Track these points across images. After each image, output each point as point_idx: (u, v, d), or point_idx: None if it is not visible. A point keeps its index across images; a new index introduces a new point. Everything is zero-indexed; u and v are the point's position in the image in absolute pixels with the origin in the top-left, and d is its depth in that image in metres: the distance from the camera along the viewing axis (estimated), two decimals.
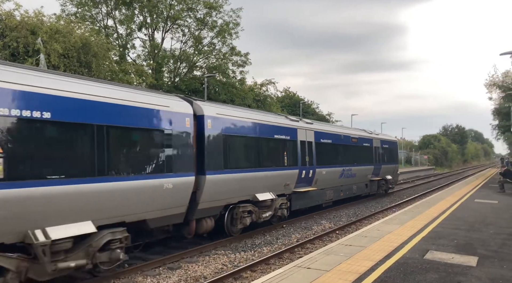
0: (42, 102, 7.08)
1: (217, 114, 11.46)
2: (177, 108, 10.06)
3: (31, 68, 7.80)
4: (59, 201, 7.21)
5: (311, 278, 6.68)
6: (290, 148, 14.98)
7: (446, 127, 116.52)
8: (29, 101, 6.90)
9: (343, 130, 20.71)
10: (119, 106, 8.46)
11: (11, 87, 6.70)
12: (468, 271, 7.20)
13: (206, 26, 28.21)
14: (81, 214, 7.61)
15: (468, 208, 15.51)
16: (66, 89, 7.56)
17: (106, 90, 8.49)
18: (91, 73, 17.82)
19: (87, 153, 7.83)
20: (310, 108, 49.24)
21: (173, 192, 9.57)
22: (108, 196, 8.03)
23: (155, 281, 8.69)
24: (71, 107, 7.52)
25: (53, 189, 7.10)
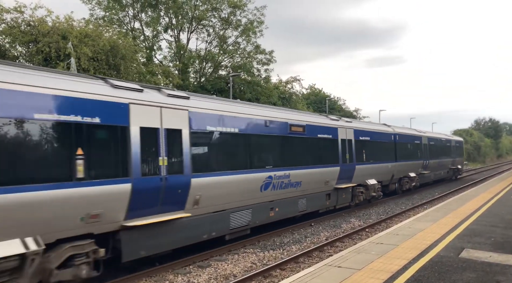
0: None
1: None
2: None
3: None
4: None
5: (342, 277, 6.59)
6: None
7: (479, 121, 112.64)
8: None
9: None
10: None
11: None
12: (507, 270, 6.92)
13: (231, 25, 28.29)
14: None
15: (505, 205, 14.92)
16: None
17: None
18: (120, 75, 18.19)
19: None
20: (337, 104, 48.67)
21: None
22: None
23: (185, 279, 8.79)
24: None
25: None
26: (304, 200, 14.15)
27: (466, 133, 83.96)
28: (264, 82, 29.89)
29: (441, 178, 30.83)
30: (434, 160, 27.58)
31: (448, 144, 32.56)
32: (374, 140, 19.22)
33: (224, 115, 10.85)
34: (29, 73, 7.12)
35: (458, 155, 34.76)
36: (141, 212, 8.47)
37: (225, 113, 10.92)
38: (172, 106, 9.29)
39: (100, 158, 7.76)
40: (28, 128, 6.72)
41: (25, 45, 17.18)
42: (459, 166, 34.38)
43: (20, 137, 6.63)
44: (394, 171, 21.52)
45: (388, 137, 21.49)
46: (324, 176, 15.13)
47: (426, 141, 26.65)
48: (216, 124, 10.57)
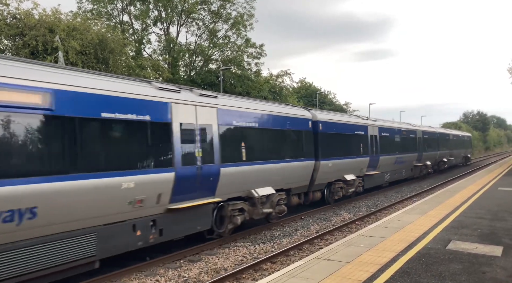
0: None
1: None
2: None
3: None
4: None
5: (331, 269, 6.66)
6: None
7: (467, 114, 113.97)
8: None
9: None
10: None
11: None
12: (493, 261, 7.06)
13: (221, 18, 28.11)
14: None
15: (492, 197, 15.18)
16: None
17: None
18: (108, 69, 18.01)
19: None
20: (327, 98, 48.80)
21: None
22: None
23: (176, 273, 8.81)
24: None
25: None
26: (404, 171, 20.21)
27: (455, 126, 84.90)
28: (255, 76, 29.82)
29: (458, 163, 41.91)
30: (454, 150, 38.81)
31: (462, 138, 44.27)
32: (394, 135, 23.36)
33: (387, 127, 16.20)
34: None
35: (468, 147, 47.51)
36: (369, 169, 13.63)
37: (387, 126, 16.27)
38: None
39: (364, 147, 13.22)
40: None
41: (11, 38, 16.91)
42: (469, 155, 46.73)
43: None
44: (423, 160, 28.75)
45: (412, 133, 27.18)
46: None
47: (451, 137, 38.94)
48: (384, 132, 15.78)
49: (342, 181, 17.50)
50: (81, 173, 7.39)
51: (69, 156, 7.35)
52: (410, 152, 25.73)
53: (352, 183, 18.16)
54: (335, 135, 17.05)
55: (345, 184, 17.73)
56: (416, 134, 27.77)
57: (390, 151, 22.47)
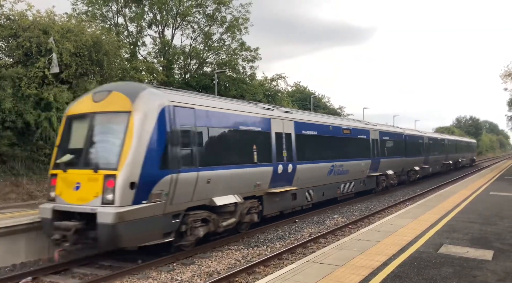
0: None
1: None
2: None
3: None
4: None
5: (324, 273, 6.69)
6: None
7: (460, 119, 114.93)
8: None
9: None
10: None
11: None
12: (483, 265, 7.12)
13: (216, 22, 28.15)
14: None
15: (483, 201, 15.31)
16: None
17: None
18: (103, 71, 17.98)
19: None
20: (321, 102, 48.96)
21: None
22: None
23: (169, 276, 8.78)
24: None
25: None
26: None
27: (447, 130, 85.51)
28: (250, 80, 29.88)
29: (467, 163, 50.96)
30: (462, 154, 47.69)
31: (470, 144, 55.63)
32: (393, 139, 25.12)
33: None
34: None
35: (473, 151, 58.94)
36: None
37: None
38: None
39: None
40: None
41: (4, 39, 16.83)
42: (474, 157, 58.21)
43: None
44: (435, 162, 34.52)
45: (420, 138, 31.09)
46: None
47: (462, 144, 49.73)
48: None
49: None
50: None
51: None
52: (441, 154, 36.98)
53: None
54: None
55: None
56: (446, 141, 39.83)
57: (440, 153, 36.03)
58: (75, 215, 8.84)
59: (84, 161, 9.13)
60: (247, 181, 11.99)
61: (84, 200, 8.73)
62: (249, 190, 12.10)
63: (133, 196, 8.60)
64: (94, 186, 8.69)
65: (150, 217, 8.93)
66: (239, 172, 11.59)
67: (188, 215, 9.92)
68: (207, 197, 10.51)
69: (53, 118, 15.49)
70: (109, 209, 8.36)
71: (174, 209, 9.53)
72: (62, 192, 9.14)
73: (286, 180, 13.79)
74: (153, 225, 9.06)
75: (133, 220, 8.59)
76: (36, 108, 15.51)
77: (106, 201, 8.49)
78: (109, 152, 9.11)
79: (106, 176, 8.60)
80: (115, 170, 8.58)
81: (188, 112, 10.11)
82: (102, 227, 8.29)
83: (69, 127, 9.93)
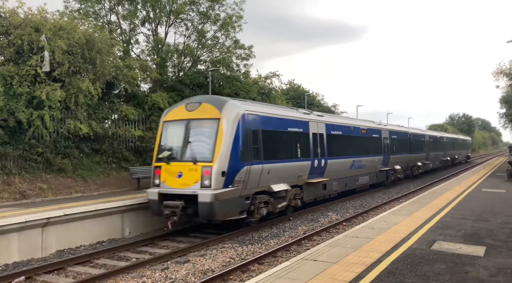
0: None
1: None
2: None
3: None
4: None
5: (318, 270, 6.71)
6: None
7: (453, 116, 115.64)
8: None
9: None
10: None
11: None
12: (475, 261, 7.19)
13: (209, 19, 27.97)
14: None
15: (476, 198, 15.43)
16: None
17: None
18: (96, 69, 17.84)
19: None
20: (315, 100, 48.99)
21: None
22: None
23: (163, 275, 8.78)
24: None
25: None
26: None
27: (441, 128, 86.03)
28: (244, 78, 29.79)
29: (463, 159, 53.46)
30: (459, 151, 50.35)
31: (466, 142, 59.29)
32: (400, 137, 27.87)
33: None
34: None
35: (468, 148, 62.33)
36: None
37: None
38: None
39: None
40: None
41: None
42: (469, 154, 61.09)
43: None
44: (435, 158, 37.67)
45: (422, 137, 34.28)
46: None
47: (459, 141, 52.44)
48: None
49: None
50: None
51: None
52: (440, 151, 39.93)
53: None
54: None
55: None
56: (444, 139, 43.11)
57: (439, 150, 39.22)
58: (175, 196, 11.56)
59: (185, 156, 11.96)
60: (293, 172, 14.81)
61: (186, 185, 11.58)
62: (294, 180, 14.90)
63: (223, 182, 11.43)
64: (194, 174, 11.51)
65: (233, 198, 11.74)
66: (289, 165, 14.49)
67: (255, 198, 12.76)
68: (267, 184, 13.26)
69: (46, 116, 15.33)
70: (207, 191, 11.18)
71: (247, 193, 12.35)
72: (166, 179, 11.99)
73: (320, 173, 16.69)
74: (234, 204, 11.89)
75: (223, 200, 11.36)
76: (28, 106, 15.35)
77: (204, 185, 11.31)
78: (204, 149, 11.83)
79: (204, 167, 11.44)
80: (210, 162, 11.42)
81: (256, 118, 13.02)
82: (202, 204, 11.10)
83: (167, 130, 12.86)
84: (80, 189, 16.25)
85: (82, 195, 15.68)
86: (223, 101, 12.58)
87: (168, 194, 11.78)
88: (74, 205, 12.30)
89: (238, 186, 11.81)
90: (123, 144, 19.81)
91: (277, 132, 14.07)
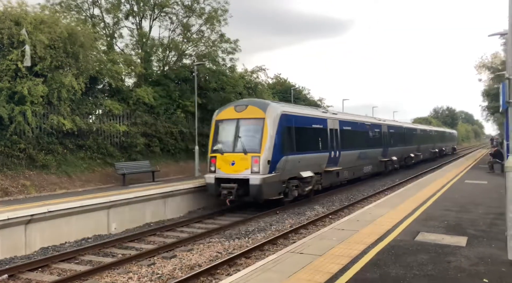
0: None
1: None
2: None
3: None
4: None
5: (304, 262, 6.76)
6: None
7: (437, 110, 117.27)
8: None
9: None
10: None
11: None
12: (457, 251, 7.33)
13: (194, 13, 27.74)
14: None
15: (459, 189, 15.72)
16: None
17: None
18: (79, 64, 17.55)
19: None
20: (301, 94, 49.08)
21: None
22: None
23: (150, 270, 8.74)
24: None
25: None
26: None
27: (425, 121, 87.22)
28: (230, 72, 29.66)
29: (449, 151, 56.34)
30: (446, 143, 53.65)
31: (452, 134, 63.56)
32: (396, 131, 30.86)
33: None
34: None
35: (454, 140, 66.00)
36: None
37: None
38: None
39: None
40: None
41: None
42: (455, 146, 64.36)
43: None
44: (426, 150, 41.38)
45: (414, 130, 37.85)
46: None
47: (446, 134, 56.65)
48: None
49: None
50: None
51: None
52: (430, 143, 43.07)
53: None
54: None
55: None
56: (433, 132, 46.76)
57: (428, 142, 42.31)
58: (229, 180, 14.45)
59: (237, 147, 14.73)
60: (316, 162, 17.50)
61: (238, 171, 14.48)
62: (317, 168, 17.52)
63: (268, 169, 14.30)
64: (244, 162, 14.39)
65: (275, 182, 14.59)
66: (313, 156, 17.29)
67: (289, 182, 15.58)
68: (297, 171, 15.98)
69: (28, 112, 15.03)
70: (256, 176, 14.06)
71: (284, 178, 15.15)
72: (221, 167, 14.87)
73: (334, 162, 19.20)
74: (275, 187, 14.74)
75: (268, 183, 14.23)
76: (9, 102, 15.03)
77: (254, 171, 14.20)
78: (253, 142, 14.58)
79: (253, 156, 14.28)
80: (258, 153, 14.30)
81: (290, 117, 15.77)
82: (253, 186, 14.00)
83: (218, 128, 15.60)
84: (64, 186, 16.03)
85: (67, 191, 15.47)
86: (266, 104, 15.29)
87: (223, 178, 14.62)
88: (59, 201, 12.14)
89: (278, 172, 14.62)
90: (107, 139, 19.58)
91: (305, 129, 16.90)
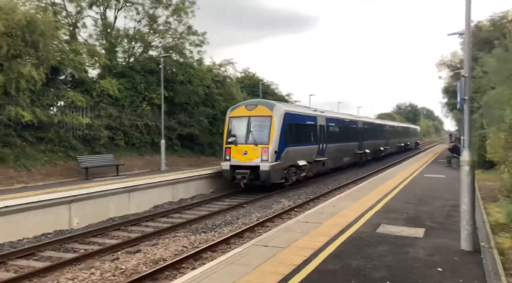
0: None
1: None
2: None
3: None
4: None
5: (268, 255, 6.85)
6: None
7: (400, 106, 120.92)
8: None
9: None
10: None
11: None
12: (415, 242, 7.64)
13: (161, 4, 27.22)
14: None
15: (418, 183, 16.33)
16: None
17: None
18: (38, 53, 16.85)
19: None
20: (270, 89, 49.27)
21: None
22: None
23: (113, 265, 8.59)
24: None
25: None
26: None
27: (389, 117, 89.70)
28: (197, 65, 29.35)
29: (413, 146, 60.97)
30: (410, 138, 59.24)
31: (415, 130, 69.72)
32: (369, 127, 35.19)
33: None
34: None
35: (417, 135, 72.69)
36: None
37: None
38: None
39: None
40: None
41: None
42: (418, 141, 70.31)
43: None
44: (393, 144, 45.50)
45: (384, 126, 42.89)
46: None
47: (411, 130, 62.88)
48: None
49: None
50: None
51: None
52: (396, 138, 47.48)
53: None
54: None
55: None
56: (399, 128, 52.48)
57: (396, 137, 47.05)
58: (242, 167, 17.59)
59: (248, 140, 17.95)
60: (309, 153, 20.84)
61: (250, 159, 17.61)
62: (309, 158, 20.85)
63: (275, 157, 17.52)
64: (255, 152, 17.59)
65: (279, 168, 17.81)
66: (307, 147, 20.70)
67: (289, 169, 18.85)
68: (295, 160, 19.35)
69: None
70: (266, 163, 17.29)
71: (285, 165, 18.42)
72: (235, 156, 17.98)
73: (322, 154, 22.56)
74: (279, 173, 17.96)
75: (275, 169, 17.48)
76: None
77: (263, 160, 17.38)
78: (262, 136, 17.82)
79: (263, 147, 17.51)
80: (267, 144, 17.55)
81: (290, 115, 19.07)
82: (263, 172, 17.23)
83: (233, 123, 18.63)
84: (23, 180, 15.42)
85: (26, 186, 14.90)
86: (273, 104, 18.71)
87: (237, 165, 17.77)
88: (16, 196, 11.67)
89: (282, 161, 17.86)
90: (70, 132, 18.97)
91: (301, 125, 20.23)
